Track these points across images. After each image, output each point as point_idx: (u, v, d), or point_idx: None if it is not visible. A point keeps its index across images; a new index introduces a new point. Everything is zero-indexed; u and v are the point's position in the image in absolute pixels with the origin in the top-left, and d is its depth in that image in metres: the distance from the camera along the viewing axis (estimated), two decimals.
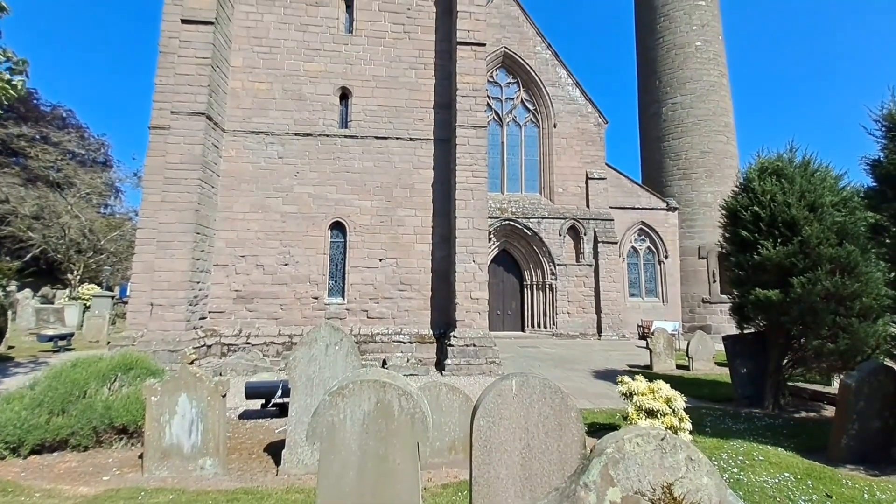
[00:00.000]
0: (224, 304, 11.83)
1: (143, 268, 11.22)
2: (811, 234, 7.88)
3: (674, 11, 23.15)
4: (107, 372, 6.26)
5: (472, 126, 12.53)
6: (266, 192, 12.45)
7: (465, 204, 12.10)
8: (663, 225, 20.55)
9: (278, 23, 13.27)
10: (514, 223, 18.49)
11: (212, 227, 11.84)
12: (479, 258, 11.89)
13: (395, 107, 13.36)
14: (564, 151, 19.62)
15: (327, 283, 12.46)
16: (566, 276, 18.46)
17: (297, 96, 13.05)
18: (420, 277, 12.68)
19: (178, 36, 11.84)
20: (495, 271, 18.48)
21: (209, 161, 11.61)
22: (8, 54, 7.13)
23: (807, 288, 7.57)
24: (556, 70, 20.20)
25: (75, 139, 27.82)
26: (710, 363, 12.20)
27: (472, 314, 11.55)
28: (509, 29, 20.14)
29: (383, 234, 12.71)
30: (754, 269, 8.43)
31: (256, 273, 12.08)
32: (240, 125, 12.67)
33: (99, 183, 27.36)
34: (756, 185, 8.88)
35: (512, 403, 3.27)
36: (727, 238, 9.33)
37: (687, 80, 22.21)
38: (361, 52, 13.46)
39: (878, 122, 9.88)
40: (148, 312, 10.60)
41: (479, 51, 13.00)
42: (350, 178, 12.83)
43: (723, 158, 21.44)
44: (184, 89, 11.42)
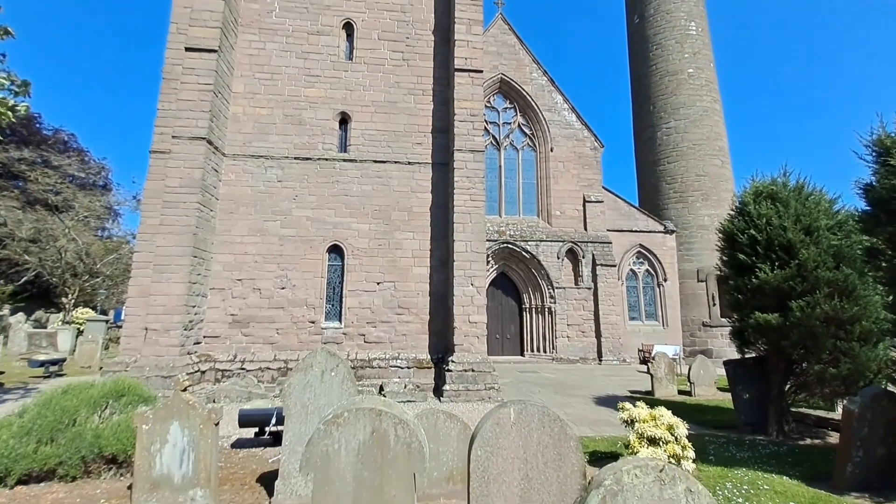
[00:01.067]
0: (219, 329, 11.70)
1: (139, 291, 11.15)
2: (808, 257, 7.90)
3: (665, 40, 23.83)
4: (98, 399, 6.12)
5: (469, 150, 12.68)
6: (265, 215, 12.49)
7: (463, 227, 12.14)
8: (661, 248, 20.62)
9: (280, 51, 13.57)
10: (512, 246, 18.55)
11: (209, 250, 11.82)
12: (478, 281, 11.85)
13: (393, 131, 13.55)
14: (561, 175, 19.86)
15: (324, 306, 12.37)
16: (565, 300, 18.41)
17: (298, 121, 13.24)
18: (418, 301, 12.61)
19: (181, 63, 12.07)
20: (494, 294, 18.43)
21: (208, 185, 11.69)
22: (11, 77, 7.23)
23: (806, 311, 7.55)
24: (553, 95, 20.63)
25: (76, 163, 28.02)
26: (712, 388, 12.05)
27: (470, 338, 11.44)
28: (506, 56, 20.66)
29: (381, 258, 12.70)
30: (753, 293, 8.42)
31: (253, 297, 12.00)
32: (240, 149, 12.80)
33: (98, 206, 27.43)
34: (752, 208, 8.95)
35: (510, 432, 3.21)
36: (725, 261, 9.34)
37: (680, 106, 22.68)
38: (361, 78, 13.73)
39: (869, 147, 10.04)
40: (142, 337, 10.47)
41: (476, 77, 13.28)
42: (348, 202, 12.90)
43: (718, 182, 21.71)
44: (185, 114, 11.58)
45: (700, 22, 24.08)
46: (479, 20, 13.71)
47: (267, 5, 13.76)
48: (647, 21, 24.88)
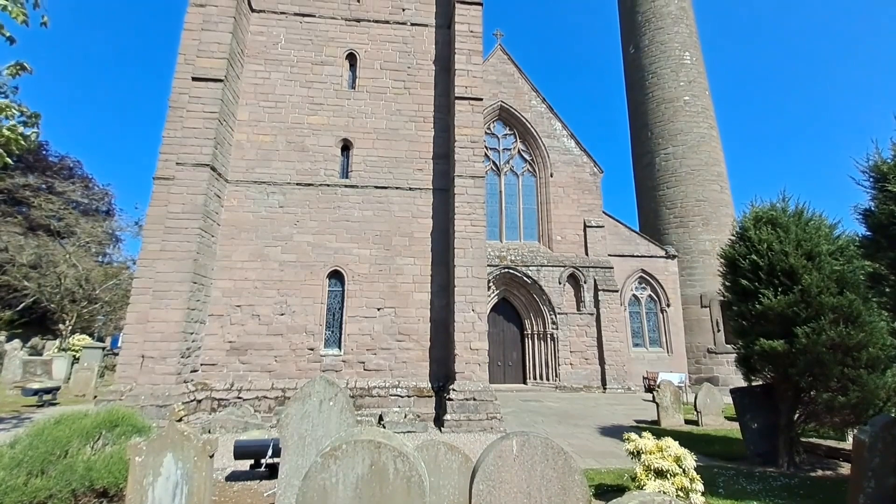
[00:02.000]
0: (217, 356, 11.54)
1: (137, 318, 11.06)
2: (811, 282, 7.86)
3: (661, 69, 24.40)
4: (91, 429, 5.98)
5: (470, 176, 12.79)
6: (265, 240, 12.51)
7: (463, 252, 12.13)
8: (663, 273, 20.52)
9: (285, 80, 13.88)
10: (513, 271, 18.49)
11: (209, 276, 11.79)
12: (479, 307, 11.75)
13: (394, 157, 13.71)
14: (561, 200, 19.99)
15: (324, 333, 12.24)
16: (567, 326, 18.22)
17: (300, 148, 13.42)
18: (419, 327, 12.48)
19: (188, 92, 12.33)
20: (495, 320, 18.26)
21: (210, 210, 11.75)
22: (22, 108, 7.38)
23: (811, 338, 7.46)
24: (552, 122, 20.98)
25: (80, 189, 28.32)
26: (719, 417, 11.78)
27: (471, 366, 11.26)
28: (505, 84, 21.11)
29: (382, 283, 12.64)
30: (757, 319, 8.35)
31: (252, 323, 11.89)
32: (243, 175, 12.94)
33: (99, 232, 27.55)
34: (752, 233, 8.96)
35: (513, 466, 3.12)
36: (727, 287, 9.29)
37: (678, 133, 23.03)
38: (363, 106, 14.00)
39: (866, 173, 10.13)
40: (139, 365, 10.33)
41: (476, 105, 13.51)
42: (349, 227, 12.94)
43: (718, 207, 21.83)
44: (190, 142, 11.75)
45: (694, 52, 24.71)
46: (479, 51, 14.07)
47: (273, 37, 14.16)
48: (642, 51, 25.54)
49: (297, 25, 14.36)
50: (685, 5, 25.70)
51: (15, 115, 7.28)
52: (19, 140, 7.04)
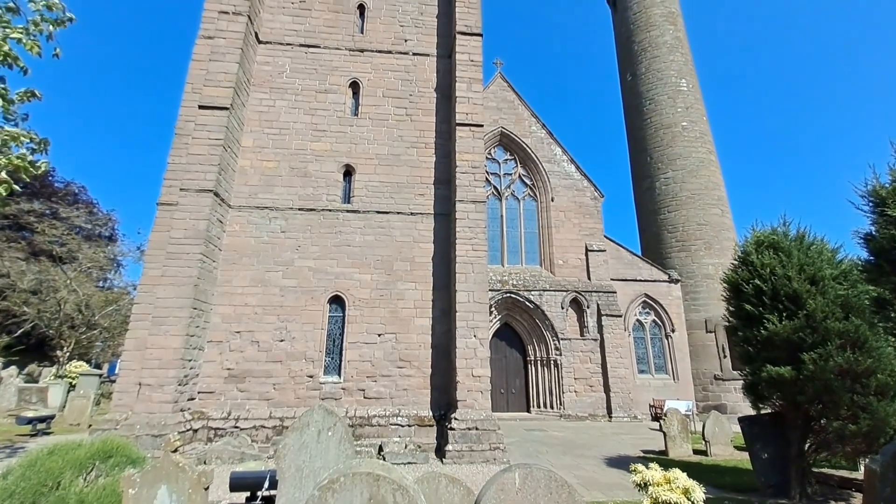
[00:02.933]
0: (214, 384, 11.36)
1: (136, 345, 10.95)
2: (816, 307, 7.78)
3: (658, 96, 24.86)
4: (84, 460, 5.85)
5: (471, 201, 12.86)
6: (267, 265, 12.50)
7: (465, 277, 12.08)
8: (667, 297, 20.32)
9: (289, 107, 14.15)
10: (515, 295, 18.36)
11: (209, 301, 11.73)
12: (481, 333, 11.62)
13: (396, 183, 13.83)
14: (563, 224, 20.03)
15: (323, 360, 12.07)
16: (571, 352, 17.94)
17: (303, 173, 13.57)
18: (420, 353, 12.32)
19: (194, 120, 12.54)
20: (497, 346, 18.02)
21: (212, 236, 11.79)
22: (31, 135, 7.48)
23: (819, 364, 7.34)
24: (552, 147, 21.23)
25: (84, 214, 28.49)
26: (728, 447, 11.47)
27: (473, 393, 11.04)
28: (505, 111, 21.48)
29: (383, 309, 12.55)
30: (763, 345, 8.23)
31: (251, 350, 11.75)
32: (245, 201, 13.04)
33: (101, 257, 27.56)
34: (754, 258, 8.93)
35: (515, 499, 3.02)
36: (732, 312, 9.21)
37: (677, 157, 23.26)
38: (366, 132, 14.21)
39: (865, 197, 10.17)
40: (135, 393, 10.16)
41: (476, 131, 13.71)
42: (351, 252, 12.94)
43: (720, 231, 21.84)
44: (195, 168, 11.88)
45: (690, 79, 25.22)
46: (479, 79, 14.37)
47: (279, 67, 14.52)
48: (639, 78, 26.08)
49: (303, 55, 14.74)
50: (680, 35, 26.38)
51: (24, 143, 7.38)
52: (28, 168, 7.13)
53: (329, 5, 15.50)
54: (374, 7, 15.73)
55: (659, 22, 26.32)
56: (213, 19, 13.86)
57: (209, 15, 14.17)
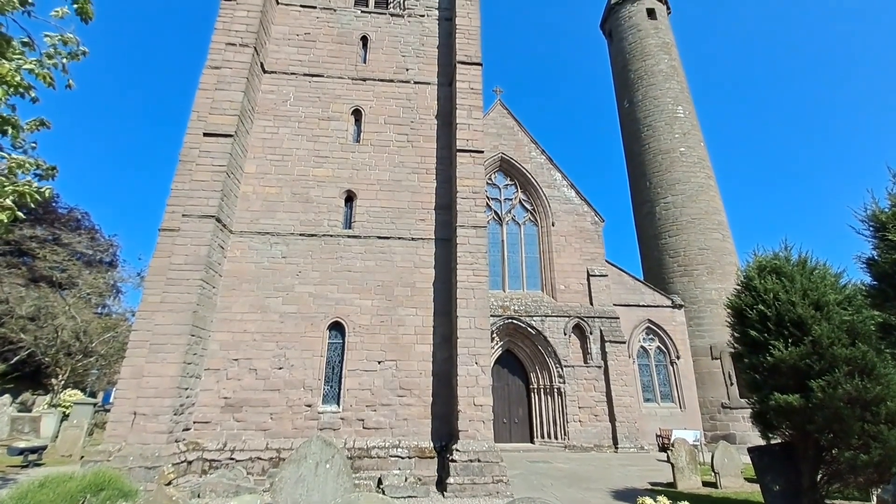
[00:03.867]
0: (211, 414, 11.10)
1: (132, 373, 10.75)
2: (822, 333, 7.70)
3: (655, 122, 25.24)
4: (75, 493, 5.68)
5: (472, 226, 12.88)
6: (267, 291, 12.41)
7: (466, 303, 11.98)
8: (671, 323, 20.04)
9: (292, 134, 14.35)
10: (517, 321, 18.14)
11: (208, 328, 11.59)
12: (482, 360, 11.43)
13: (397, 208, 13.89)
14: (564, 249, 19.99)
15: (322, 388, 11.82)
16: (574, 379, 17.56)
17: (305, 199, 13.64)
18: (420, 381, 12.08)
19: (198, 147, 12.69)
20: (499, 374, 17.69)
21: (213, 261, 11.76)
22: (39, 162, 7.50)
23: (827, 392, 7.21)
24: (551, 173, 21.41)
25: (86, 240, 28.48)
26: (738, 479, 11.12)
27: (475, 423, 10.76)
28: (505, 137, 21.77)
29: (383, 335, 12.39)
30: (770, 372, 8.10)
31: (248, 378, 11.53)
32: (247, 226, 13.07)
33: (101, 283, 27.41)
34: (757, 283, 8.88)
35: None
36: (736, 338, 9.09)
37: (676, 182, 23.42)
38: (367, 158, 14.36)
39: (865, 222, 10.17)
40: (129, 423, 9.90)
41: (477, 157, 13.84)
42: (351, 278, 12.88)
43: (721, 255, 21.77)
44: (197, 194, 11.95)
45: (687, 106, 25.66)
46: (479, 106, 14.62)
47: (283, 95, 14.80)
48: (636, 105, 26.55)
49: (307, 84, 15.05)
50: (675, 64, 26.99)
51: (31, 170, 7.41)
52: (34, 195, 7.13)
53: (333, 37, 15.93)
54: (377, 38, 16.16)
55: (654, 51, 26.97)
56: (220, 50, 14.23)
57: (216, 46, 14.54)
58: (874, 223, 9.94)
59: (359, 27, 16.23)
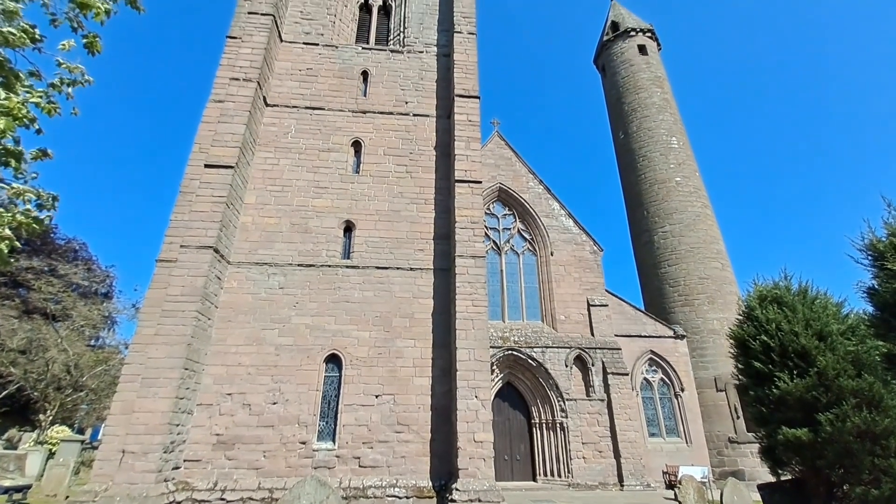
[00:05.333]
0: (202, 451, 10.73)
1: (122, 408, 10.45)
2: (827, 364, 7.60)
3: (650, 153, 25.66)
4: None
5: (471, 256, 12.87)
6: (263, 323, 12.24)
7: (465, 334, 11.81)
8: (673, 354, 19.64)
9: (293, 165, 14.52)
10: (517, 353, 17.79)
11: (202, 361, 11.35)
12: (482, 393, 11.17)
13: (396, 238, 13.90)
14: (563, 279, 19.88)
15: (317, 424, 11.48)
16: (577, 413, 17.03)
17: (304, 229, 13.66)
18: (419, 416, 11.75)
19: (199, 178, 12.81)
20: (500, 408, 17.18)
21: (210, 293, 11.65)
22: (39, 192, 7.48)
23: (836, 425, 7.05)
24: (549, 203, 21.55)
25: (82, 271, 28.18)
26: None
27: (476, 461, 10.39)
28: (503, 167, 22.02)
29: (381, 367, 12.14)
30: (777, 405, 7.95)
31: (242, 414, 11.21)
32: (245, 257, 13.02)
33: (95, 315, 27.02)
34: (759, 313, 8.82)
35: None
36: (741, 370, 8.96)
37: (673, 212, 23.58)
38: (367, 189, 14.48)
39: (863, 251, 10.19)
40: (118, 461, 9.56)
41: (475, 187, 13.98)
42: (349, 308, 12.74)
43: (722, 284, 21.66)
44: (196, 224, 11.96)
45: (680, 137, 26.15)
46: (477, 138, 14.89)
47: (284, 128, 15.07)
48: (631, 137, 27.06)
49: (308, 117, 15.35)
50: (667, 96, 27.69)
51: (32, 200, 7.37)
52: (31, 225, 7.07)
53: (334, 72, 16.38)
54: (377, 73, 16.61)
55: (646, 85, 27.72)
56: (224, 84, 14.58)
57: (221, 81, 14.92)
58: (872, 252, 9.95)
59: (360, 62, 16.71)
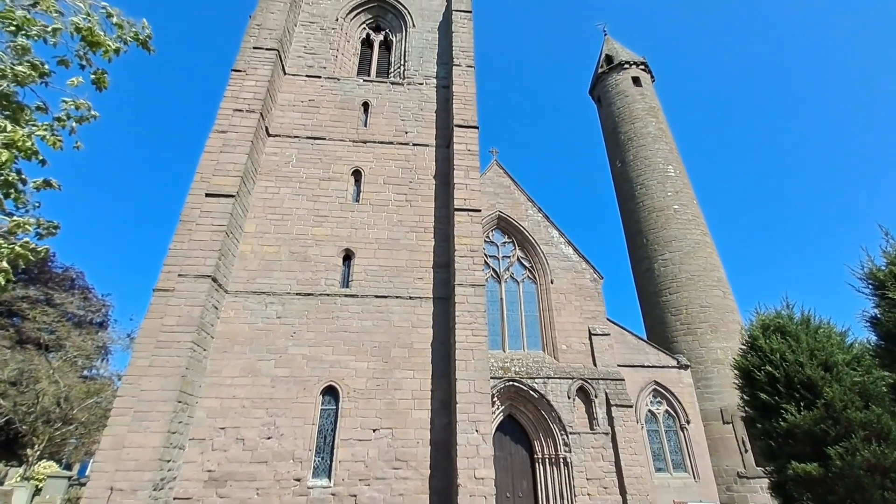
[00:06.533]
0: (193, 489, 10.32)
1: (112, 443, 10.14)
2: (834, 396, 7.46)
3: (648, 181, 25.91)
4: None
5: (470, 284, 12.79)
6: (259, 353, 12.02)
7: (465, 365, 11.59)
8: (678, 385, 19.19)
9: (293, 194, 14.61)
10: (518, 384, 17.37)
11: (195, 394, 11.07)
12: (483, 427, 10.85)
13: (395, 267, 13.86)
14: (564, 307, 19.68)
15: (313, 460, 11.09)
16: (581, 448, 16.45)
17: (303, 258, 13.62)
18: (417, 452, 11.38)
19: (199, 207, 12.85)
20: (501, 442, 16.63)
21: (206, 323, 11.50)
22: (40, 221, 7.44)
23: (846, 459, 6.89)
24: (548, 230, 21.58)
25: (79, 300, 27.77)
26: None
27: (477, 499, 9.97)
28: (502, 196, 22.16)
29: (379, 400, 11.84)
30: (785, 438, 7.75)
31: (235, 449, 10.86)
32: (243, 286, 12.93)
33: (89, 345, 26.52)
34: (762, 343, 8.72)
35: None
36: (747, 401, 8.78)
37: (672, 239, 23.60)
38: (366, 217, 14.53)
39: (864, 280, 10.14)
40: (105, 500, 9.22)
41: (474, 216, 14.04)
42: (347, 338, 12.56)
43: (724, 313, 21.43)
44: (195, 253, 11.92)
45: (677, 165, 26.48)
46: (476, 167, 15.06)
47: (285, 157, 15.25)
48: (628, 165, 27.40)
49: (309, 147, 15.56)
50: (662, 126, 28.20)
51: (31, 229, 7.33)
52: (28, 256, 7.02)
53: (336, 103, 16.71)
54: (378, 104, 16.96)
55: (641, 115, 28.27)
56: (227, 116, 14.84)
57: (224, 112, 15.20)
58: (873, 281, 9.91)
59: (360, 94, 17.08)
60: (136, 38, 6.52)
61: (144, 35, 6.56)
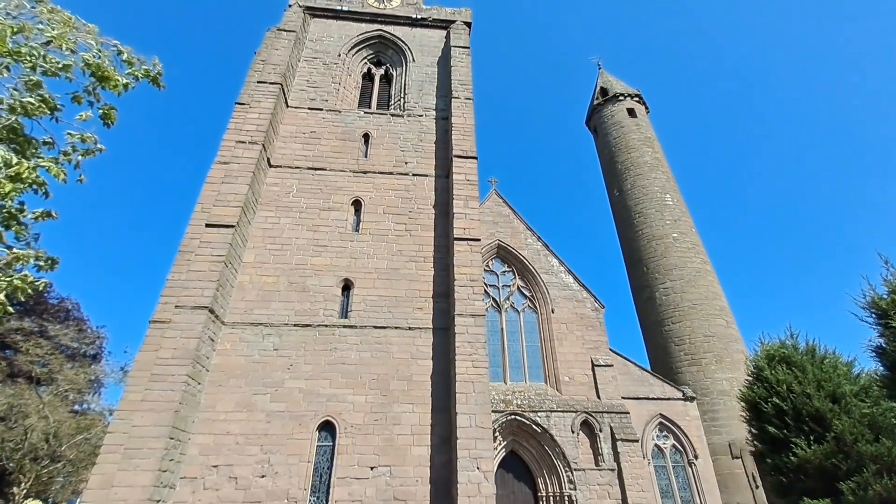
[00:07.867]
0: None
1: (101, 482, 9.76)
2: (843, 429, 7.29)
3: (646, 209, 26.09)
4: None
5: (470, 314, 12.65)
6: (255, 387, 11.74)
7: (465, 398, 11.31)
8: (684, 418, 18.62)
9: (293, 224, 14.64)
10: (520, 418, 16.83)
11: (188, 429, 10.75)
12: (485, 464, 10.48)
13: (394, 297, 13.74)
14: (565, 337, 19.36)
15: (308, 499, 10.65)
16: (587, 485, 15.77)
17: (301, 288, 13.52)
18: (417, 490, 10.94)
19: (199, 237, 12.85)
20: (503, 479, 15.98)
21: (201, 355, 11.29)
22: (39, 254, 7.41)
23: (858, 495, 6.68)
24: (549, 259, 21.52)
25: (73, 332, 27.23)
26: None
27: None
28: (502, 225, 22.23)
29: (377, 436, 11.49)
30: (796, 474, 7.50)
31: (227, 489, 10.45)
32: (240, 317, 12.78)
33: (81, 378, 25.89)
34: (768, 374, 8.57)
35: None
36: (755, 435, 8.56)
37: (673, 267, 23.53)
38: (366, 247, 14.51)
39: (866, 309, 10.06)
40: None
41: (474, 245, 14.04)
42: (345, 371, 12.31)
43: (728, 342, 21.12)
44: (193, 284, 11.83)
45: (674, 194, 26.74)
46: (475, 196, 15.17)
47: (286, 188, 15.37)
48: (626, 194, 27.66)
49: (310, 177, 15.72)
50: (658, 156, 28.64)
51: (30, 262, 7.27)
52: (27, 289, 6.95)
53: (337, 135, 17.00)
54: (378, 135, 17.25)
55: (637, 145, 28.77)
56: (230, 147, 15.06)
57: (227, 144, 15.44)
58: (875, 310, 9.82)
59: (361, 126, 17.40)
60: (147, 74, 6.68)
61: (155, 72, 6.72)
